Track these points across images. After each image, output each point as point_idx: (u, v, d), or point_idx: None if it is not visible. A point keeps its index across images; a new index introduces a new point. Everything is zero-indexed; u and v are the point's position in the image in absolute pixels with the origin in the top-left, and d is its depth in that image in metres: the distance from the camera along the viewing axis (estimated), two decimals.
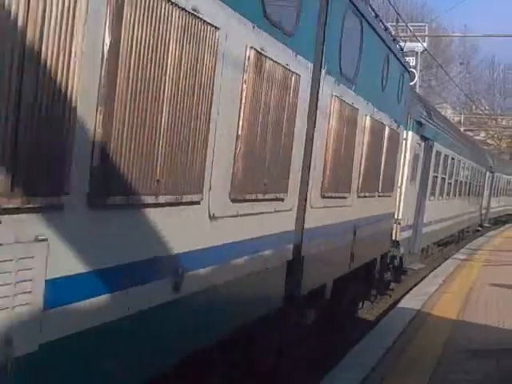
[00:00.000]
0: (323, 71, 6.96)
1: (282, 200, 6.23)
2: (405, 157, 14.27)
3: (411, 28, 31.01)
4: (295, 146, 6.34)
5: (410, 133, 14.77)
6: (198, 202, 4.48)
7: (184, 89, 4.07)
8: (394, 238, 14.28)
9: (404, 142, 13.51)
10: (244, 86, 4.97)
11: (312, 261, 7.29)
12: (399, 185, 13.89)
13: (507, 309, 11.68)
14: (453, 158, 22.60)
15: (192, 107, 4.20)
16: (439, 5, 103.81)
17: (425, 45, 32.36)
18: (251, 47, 5.01)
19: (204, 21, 4.22)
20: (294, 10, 5.96)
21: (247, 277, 5.50)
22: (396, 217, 13.98)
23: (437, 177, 19.86)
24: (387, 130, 10.68)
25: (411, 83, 16.27)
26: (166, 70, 3.85)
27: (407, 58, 21.05)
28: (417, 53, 32.69)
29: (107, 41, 3.32)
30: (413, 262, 17.69)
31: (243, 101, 4.99)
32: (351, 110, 8.29)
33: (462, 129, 46.62)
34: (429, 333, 9.64)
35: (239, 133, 4.99)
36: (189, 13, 4.04)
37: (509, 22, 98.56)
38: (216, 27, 4.39)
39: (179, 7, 3.92)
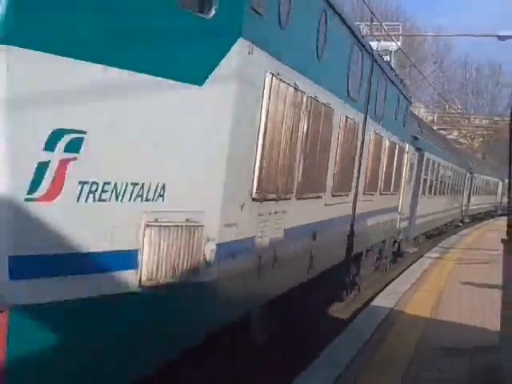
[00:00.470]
0: (368, 117, 11.33)
1: (347, 196, 10.61)
2: (405, 164, 18.67)
3: (385, 27, 30.63)
4: (355, 164, 10.72)
5: (409, 146, 19.17)
6: (321, 197, 8.84)
7: (321, 144, 8.41)
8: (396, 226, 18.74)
9: (406, 154, 17.95)
10: (340, 136, 9.33)
11: (358, 235, 11.66)
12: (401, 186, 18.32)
13: (479, 307, 11.76)
14: (439, 163, 27.10)
15: (324, 153, 8.57)
16: (414, 5, 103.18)
17: (399, 44, 31.60)
18: (343, 115, 9.37)
19: (329, 107, 8.55)
20: (358, 87, 10.32)
21: (337, 238, 9.93)
22: (399, 210, 18.42)
23: (426, 179, 24.33)
24: (397, 147, 15.11)
25: None
26: (318, 134, 8.18)
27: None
28: (391, 52, 30.68)
29: (305, 129, 7.62)
30: (407, 247, 22.16)
31: (339, 145, 9.35)
32: (379, 137, 12.69)
33: (435, 127, 47.19)
34: (402, 331, 9.73)
35: (336, 161, 9.35)
36: (325, 105, 8.36)
37: (482, 22, 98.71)
38: (332, 108, 8.72)
39: (323, 104, 8.24)
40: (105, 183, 4.40)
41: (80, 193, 4.25)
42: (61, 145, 4.09)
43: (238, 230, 5.83)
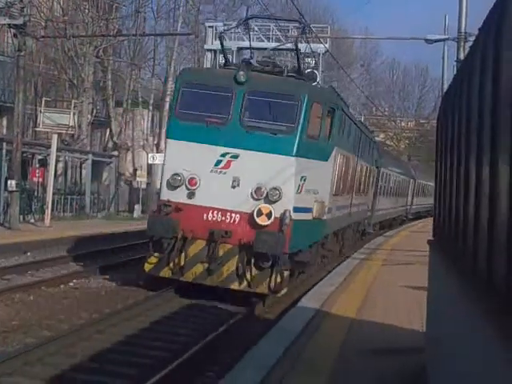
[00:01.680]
0: (358, 157, 24.10)
1: (349, 194, 23.32)
2: (371, 177, 31.54)
3: (313, 29, 30.99)
4: (353, 179, 23.52)
5: (373, 166, 32.02)
6: (344, 195, 21.55)
7: (347, 173, 21.12)
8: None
9: (371, 171, 30.91)
10: (351, 168, 22.09)
11: (352, 214, 24.40)
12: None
13: (405, 308, 11.64)
14: (390, 174, 40.15)
15: (348, 176, 21.38)
16: (341, 7, 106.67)
17: (327, 46, 32.65)
18: (351, 159, 22.13)
19: (349, 157, 21.30)
20: (356, 145, 23.14)
21: (345, 214, 22.86)
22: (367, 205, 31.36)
23: (381, 185, 37.31)
24: (368, 168, 28.07)
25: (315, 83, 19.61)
26: (347, 169, 20.89)
27: (308, 59, 27.11)
28: (319, 54, 32.66)
29: (343, 168, 20.29)
30: (369, 229, 35.15)
31: (350, 172, 22.08)
32: (361, 165, 25.55)
33: None
34: (327, 332, 9.58)
35: (349, 179, 22.07)
36: (348, 157, 21.06)
37: (408, 26, 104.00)
38: (350, 158, 21.45)
39: (348, 157, 20.95)
40: (309, 189, 16.90)
41: (307, 191, 16.73)
42: (302, 178, 16.56)
43: (330, 204, 18.43)
